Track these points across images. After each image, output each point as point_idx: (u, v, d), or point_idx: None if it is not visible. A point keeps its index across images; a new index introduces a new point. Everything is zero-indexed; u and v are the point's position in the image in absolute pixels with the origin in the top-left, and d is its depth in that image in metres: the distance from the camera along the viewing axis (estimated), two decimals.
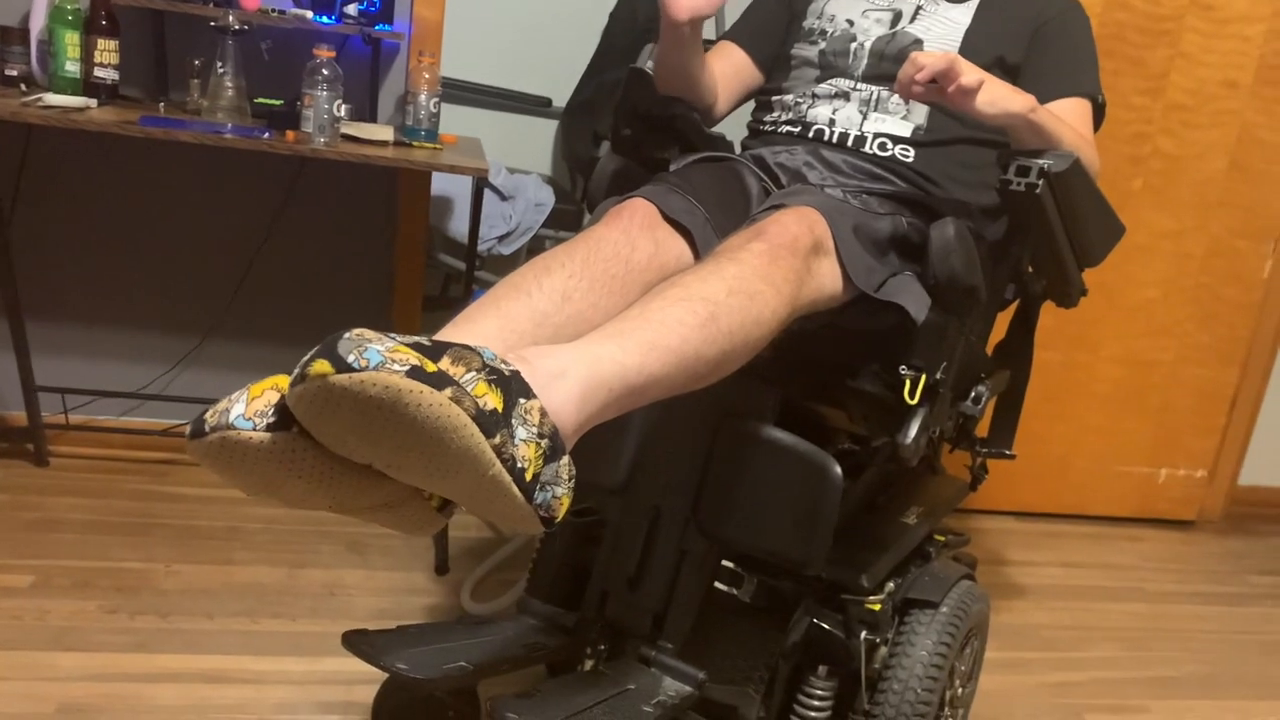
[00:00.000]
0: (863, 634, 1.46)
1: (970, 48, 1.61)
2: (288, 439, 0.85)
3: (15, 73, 2.15)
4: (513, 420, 0.86)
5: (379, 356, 0.79)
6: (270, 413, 0.85)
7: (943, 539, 1.74)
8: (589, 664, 1.43)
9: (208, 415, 0.86)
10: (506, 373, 0.88)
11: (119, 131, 2.00)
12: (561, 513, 0.91)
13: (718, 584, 1.47)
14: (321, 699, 1.73)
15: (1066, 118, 1.58)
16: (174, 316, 2.51)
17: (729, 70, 1.77)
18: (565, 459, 0.91)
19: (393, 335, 0.84)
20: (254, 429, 0.84)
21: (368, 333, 0.82)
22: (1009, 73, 1.62)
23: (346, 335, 0.81)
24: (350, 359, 0.78)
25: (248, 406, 0.85)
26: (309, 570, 2.12)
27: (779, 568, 1.43)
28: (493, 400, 0.85)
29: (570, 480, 0.91)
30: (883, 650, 1.50)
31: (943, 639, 1.53)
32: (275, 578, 2.07)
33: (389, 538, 2.28)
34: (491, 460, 0.83)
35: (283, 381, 0.86)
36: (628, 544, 1.41)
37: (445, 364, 0.84)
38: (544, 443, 0.88)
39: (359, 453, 0.85)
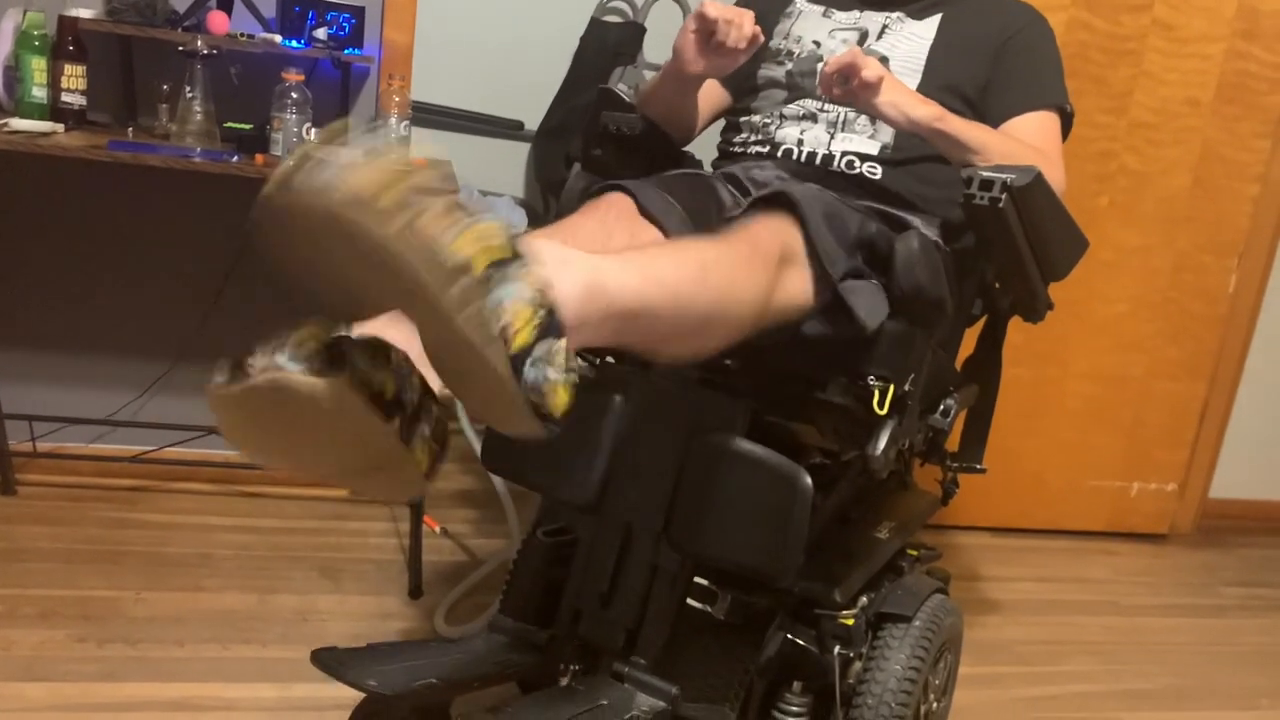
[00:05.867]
0: (836, 649, 1.45)
1: (935, 63, 1.63)
2: (337, 384, 0.83)
3: None
4: (505, 270, 0.79)
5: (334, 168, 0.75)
6: (316, 359, 0.83)
7: (915, 553, 1.74)
8: (563, 681, 1.42)
9: (250, 359, 0.84)
10: (511, 231, 0.82)
11: (87, 156, 1.99)
12: (556, 405, 0.82)
13: (691, 601, 1.46)
14: None
15: (1030, 133, 1.61)
16: (143, 342, 2.50)
17: (700, 95, 1.79)
18: (563, 343, 0.83)
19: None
20: (304, 371, 0.82)
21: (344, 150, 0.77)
22: (976, 89, 1.64)
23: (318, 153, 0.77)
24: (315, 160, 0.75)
25: (295, 350, 0.84)
26: (280, 596, 2.10)
27: (752, 582, 1.43)
28: (494, 240, 0.78)
29: (570, 373, 0.83)
30: (857, 665, 1.50)
31: (916, 653, 1.53)
32: (246, 604, 2.05)
33: (362, 562, 2.27)
34: (450, 275, 0.76)
35: (320, 332, 0.85)
36: (600, 560, 1.41)
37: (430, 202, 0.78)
38: (540, 314, 0.81)
39: (321, 274, 0.82)
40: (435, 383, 0.96)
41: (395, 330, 0.93)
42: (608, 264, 0.98)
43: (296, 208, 0.76)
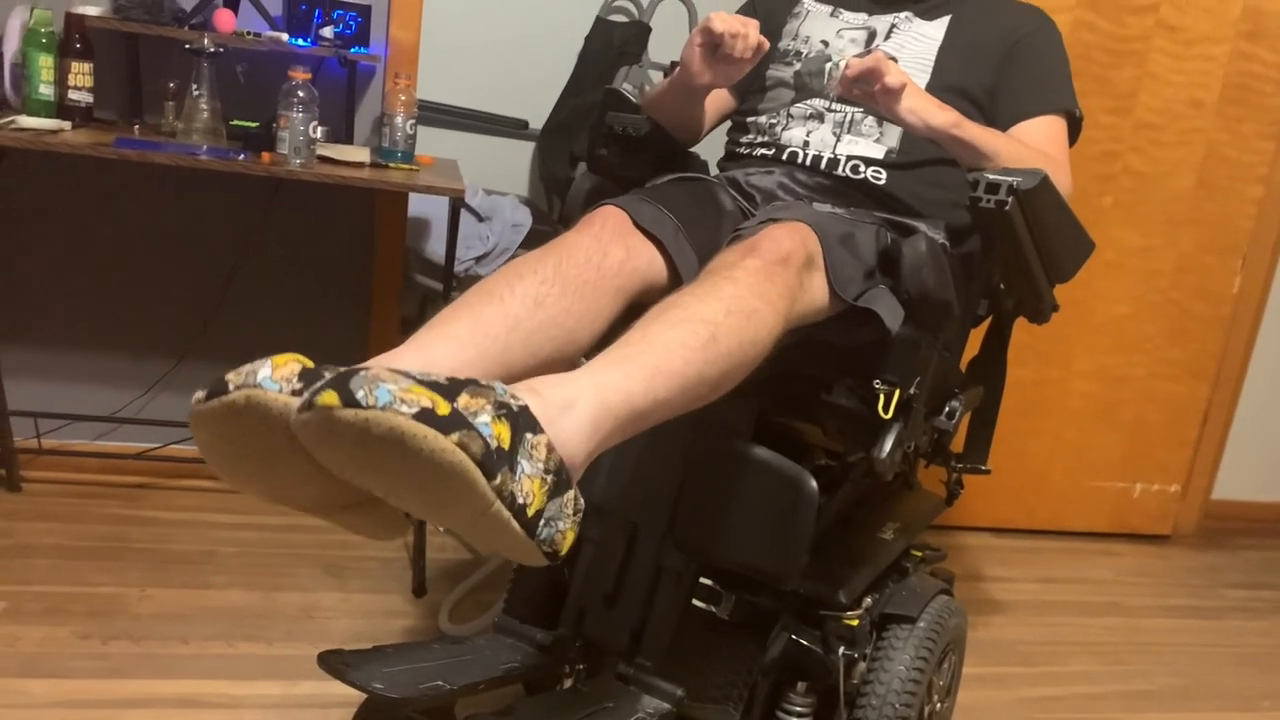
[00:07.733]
0: (840, 649, 1.46)
1: (944, 65, 1.63)
2: None
3: None
4: (518, 456, 0.86)
5: (388, 396, 0.79)
6: (295, 380, 0.86)
7: (920, 554, 1.74)
8: (568, 682, 1.43)
9: (230, 376, 0.87)
10: (515, 408, 0.88)
11: (93, 154, 2.00)
12: (565, 547, 0.91)
13: (696, 601, 1.46)
14: None
15: (1037, 137, 1.61)
16: (149, 340, 2.50)
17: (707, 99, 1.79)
18: (571, 493, 0.91)
19: (411, 374, 0.84)
20: (280, 391, 0.86)
21: (384, 371, 0.82)
22: (984, 91, 1.64)
23: (362, 371, 0.81)
24: (359, 395, 0.79)
25: (274, 371, 0.87)
26: (285, 593, 2.10)
27: (756, 583, 1.43)
28: (504, 438, 0.85)
29: (576, 515, 0.91)
30: (861, 665, 1.50)
31: (920, 653, 1.53)
32: (251, 601, 2.06)
33: (366, 559, 2.27)
34: (491, 499, 0.83)
35: (303, 359, 0.88)
36: (605, 561, 1.41)
37: (463, 400, 0.84)
38: (549, 478, 0.88)
39: (358, 480, 0.86)
40: None
41: None
42: (611, 377, 1.00)
43: (355, 424, 0.80)
